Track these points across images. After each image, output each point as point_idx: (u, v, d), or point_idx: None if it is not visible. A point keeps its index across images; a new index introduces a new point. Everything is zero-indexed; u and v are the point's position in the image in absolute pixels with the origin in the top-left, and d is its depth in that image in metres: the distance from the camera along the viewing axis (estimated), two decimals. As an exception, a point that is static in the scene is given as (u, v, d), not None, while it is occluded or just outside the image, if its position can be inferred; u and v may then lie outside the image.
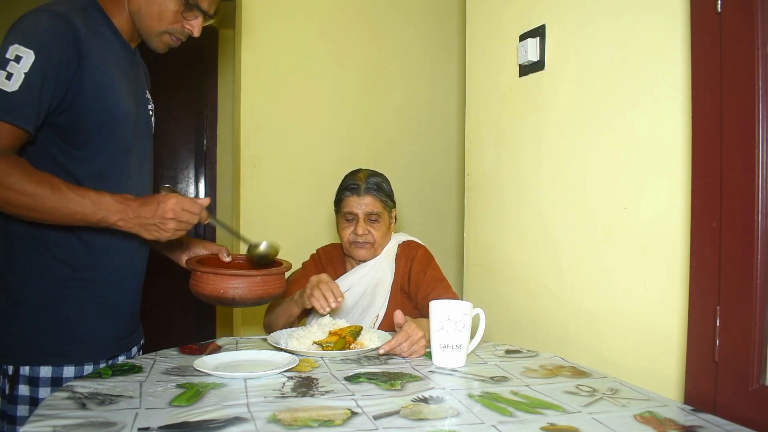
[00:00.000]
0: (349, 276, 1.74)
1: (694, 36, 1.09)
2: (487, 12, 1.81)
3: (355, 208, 1.70)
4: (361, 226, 1.69)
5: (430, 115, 2.94)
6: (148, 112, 1.39)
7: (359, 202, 1.70)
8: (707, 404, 1.03)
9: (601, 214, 1.35)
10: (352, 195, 1.71)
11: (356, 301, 1.70)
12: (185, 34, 1.29)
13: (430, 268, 1.68)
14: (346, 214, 1.72)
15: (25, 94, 1.06)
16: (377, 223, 1.71)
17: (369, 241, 1.70)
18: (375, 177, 1.74)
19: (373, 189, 1.71)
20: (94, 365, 1.24)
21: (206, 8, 1.28)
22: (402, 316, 1.35)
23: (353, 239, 1.70)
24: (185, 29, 1.28)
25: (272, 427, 0.86)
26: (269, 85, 2.66)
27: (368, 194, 1.70)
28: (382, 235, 1.72)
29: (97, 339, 1.25)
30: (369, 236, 1.70)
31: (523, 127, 1.63)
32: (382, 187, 1.74)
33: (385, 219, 1.73)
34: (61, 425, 0.84)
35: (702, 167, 1.07)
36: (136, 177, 1.31)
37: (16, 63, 1.06)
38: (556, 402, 1.00)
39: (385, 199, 1.73)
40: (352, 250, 1.72)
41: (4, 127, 1.06)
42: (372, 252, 1.72)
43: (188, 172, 3.59)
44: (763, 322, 0.96)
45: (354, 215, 1.70)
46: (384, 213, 1.73)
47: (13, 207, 1.07)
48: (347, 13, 2.77)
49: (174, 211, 1.12)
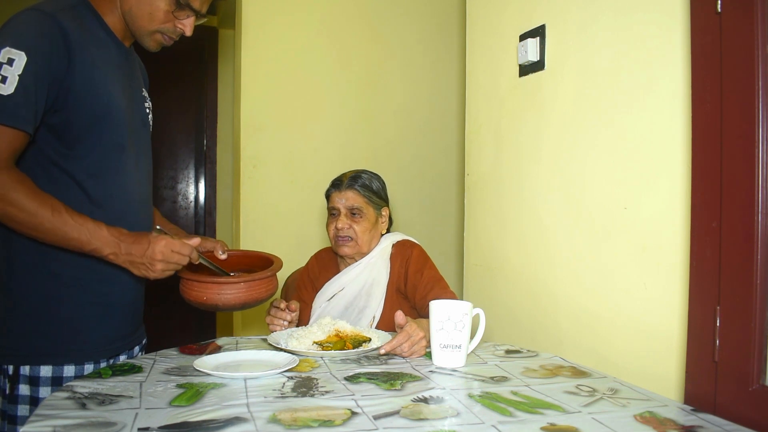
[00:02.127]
0: (342, 276, 1.74)
1: (694, 36, 1.09)
2: (487, 12, 1.81)
3: (337, 202, 1.71)
4: (341, 219, 1.69)
5: (430, 115, 2.94)
6: (144, 109, 1.38)
7: (341, 196, 1.71)
8: (707, 404, 1.03)
9: (601, 214, 1.35)
10: (335, 190, 1.73)
11: (351, 301, 1.69)
12: (177, 34, 1.29)
13: (427, 267, 1.67)
14: (330, 209, 1.74)
15: (20, 96, 1.07)
16: (358, 217, 1.70)
17: (350, 236, 1.70)
18: (363, 174, 1.75)
19: (355, 184, 1.71)
20: (94, 364, 1.24)
21: (198, 7, 1.28)
22: (403, 316, 1.35)
23: (336, 234, 1.71)
24: (177, 28, 1.28)
25: (272, 427, 0.86)
26: (269, 85, 2.66)
27: (350, 189, 1.71)
28: (363, 230, 1.70)
29: (98, 338, 1.26)
30: (350, 231, 1.69)
31: (523, 127, 1.63)
32: (366, 184, 1.73)
33: (369, 215, 1.72)
34: (61, 425, 0.84)
35: (702, 167, 1.07)
36: (133, 174, 1.31)
37: (9, 66, 1.07)
38: (556, 402, 1.00)
39: (368, 194, 1.72)
40: (336, 246, 1.73)
41: (5, 130, 1.07)
42: (355, 249, 1.71)
43: (188, 172, 3.59)
44: (763, 322, 0.96)
45: (336, 210, 1.71)
46: (367, 209, 1.72)
47: (14, 223, 1.09)
48: (347, 13, 2.78)
49: (163, 253, 1.14)
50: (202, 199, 3.59)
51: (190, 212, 3.56)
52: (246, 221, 2.64)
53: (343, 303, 1.69)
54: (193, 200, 3.59)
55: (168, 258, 1.15)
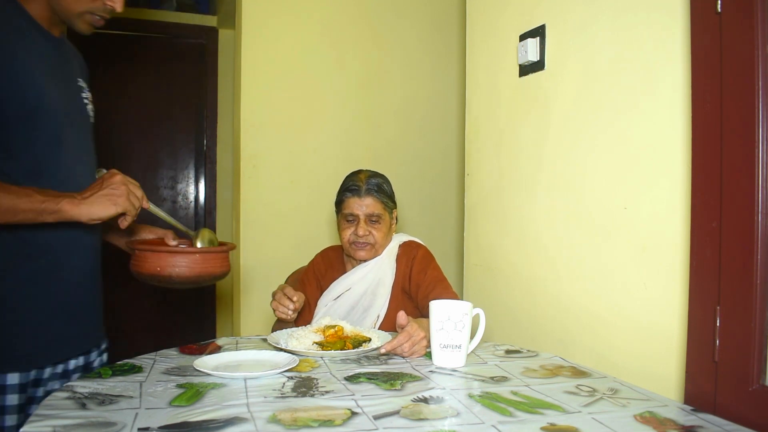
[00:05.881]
0: (350, 276, 1.74)
1: (694, 36, 1.09)
2: (487, 12, 1.81)
3: (356, 209, 1.70)
4: (362, 227, 1.69)
5: (430, 114, 2.94)
6: (82, 100, 1.31)
7: (360, 203, 1.70)
8: (707, 404, 1.03)
9: (601, 214, 1.35)
10: (353, 196, 1.71)
11: (357, 301, 1.70)
12: (108, 11, 1.24)
13: (431, 267, 1.68)
14: (347, 215, 1.72)
15: None
16: (378, 224, 1.71)
17: (370, 242, 1.71)
18: (376, 178, 1.74)
19: (373, 190, 1.71)
20: (37, 370, 1.19)
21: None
22: (405, 317, 1.35)
23: (353, 239, 1.70)
24: (106, 5, 1.23)
25: (272, 427, 0.86)
26: (269, 85, 2.66)
27: (369, 195, 1.70)
28: (382, 236, 1.72)
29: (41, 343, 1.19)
30: (370, 237, 1.70)
31: (523, 127, 1.63)
32: (383, 189, 1.74)
33: (386, 220, 1.73)
34: (61, 425, 0.84)
35: (702, 167, 1.07)
36: (78, 169, 1.25)
37: None
38: (556, 402, 1.00)
39: (385, 200, 1.73)
40: (352, 250, 1.72)
41: None
42: (373, 252, 1.72)
43: (188, 172, 3.59)
44: (763, 322, 0.96)
45: (355, 216, 1.70)
46: (385, 214, 1.73)
47: None
48: (348, 14, 2.77)
49: (123, 179, 1.12)
50: (202, 199, 3.59)
51: (190, 212, 3.56)
52: (246, 221, 2.63)
53: (349, 302, 1.70)
54: (193, 200, 3.59)
55: (128, 183, 1.12)
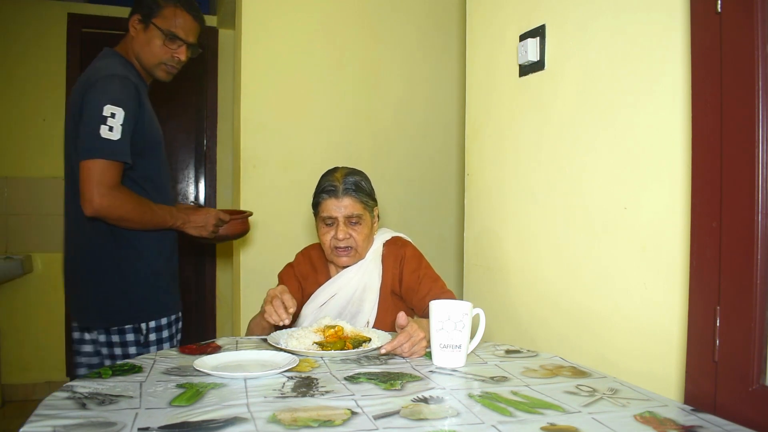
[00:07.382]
0: (335, 281, 1.67)
1: (694, 36, 1.09)
2: (487, 12, 1.81)
3: (334, 211, 1.60)
4: (341, 230, 1.60)
5: (430, 114, 2.94)
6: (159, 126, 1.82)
7: (338, 204, 1.60)
8: (707, 404, 1.03)
9: (601, 214, 1.35)
10: (330, 197, 1.61)
11: (344, 307, 1.64)
12: (176, 61, 1.74)
13: (422, 267, 1.63)
14: (325, 218, 1.62)
15: (124, 140, 1.53)
16: (359, 225, 1.61)
17: (351, 246, 1.62)
18: (353, 176, 1.64)
19: (351, 189, 1.60)
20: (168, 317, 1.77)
21: (184, 37, 1.71)
22: (405, 317, 1.34)
23: (335, 244, 1.62)
24: (174, 57, 1.72)
25: (272, 427, 0.86)
26: (269, 85, 2.66)
27: (347, 195, 1.60)
28: (364, 237, 1.63)
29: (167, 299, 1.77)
30: (351, 240, 1.61)
31: (523, 127, 1.63)
32: (362, 187, 1.63)
33: (367, 220, 1.64)
34: (61, 425, 0.84)
35: (702, 167, 1.07)
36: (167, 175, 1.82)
37: (113, 118, 1.51)
38: (556, 402, 1.00)
39: (365, 199, 1.63)
40: (333, 257, 1.64)
41: (118, 165, 1.54)
42: (356, 257, 1.64)
43: (188, 172, 3.59)
44: (763, 322, 0.96)
45: (333, 219, 1.60)
46: (365, 214, 1.63)
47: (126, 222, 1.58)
48: (348, 14, 2.78)
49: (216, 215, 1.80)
50: (202, 199, 3.59)
51: (190, 212, 3.56)
52: (246, 221, 2.63)
53: (335, 309, 1.64)
54: (193, 200, 3.59)
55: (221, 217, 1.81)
